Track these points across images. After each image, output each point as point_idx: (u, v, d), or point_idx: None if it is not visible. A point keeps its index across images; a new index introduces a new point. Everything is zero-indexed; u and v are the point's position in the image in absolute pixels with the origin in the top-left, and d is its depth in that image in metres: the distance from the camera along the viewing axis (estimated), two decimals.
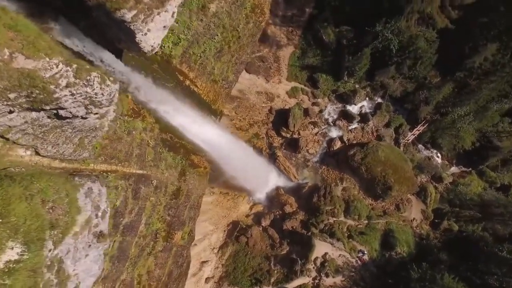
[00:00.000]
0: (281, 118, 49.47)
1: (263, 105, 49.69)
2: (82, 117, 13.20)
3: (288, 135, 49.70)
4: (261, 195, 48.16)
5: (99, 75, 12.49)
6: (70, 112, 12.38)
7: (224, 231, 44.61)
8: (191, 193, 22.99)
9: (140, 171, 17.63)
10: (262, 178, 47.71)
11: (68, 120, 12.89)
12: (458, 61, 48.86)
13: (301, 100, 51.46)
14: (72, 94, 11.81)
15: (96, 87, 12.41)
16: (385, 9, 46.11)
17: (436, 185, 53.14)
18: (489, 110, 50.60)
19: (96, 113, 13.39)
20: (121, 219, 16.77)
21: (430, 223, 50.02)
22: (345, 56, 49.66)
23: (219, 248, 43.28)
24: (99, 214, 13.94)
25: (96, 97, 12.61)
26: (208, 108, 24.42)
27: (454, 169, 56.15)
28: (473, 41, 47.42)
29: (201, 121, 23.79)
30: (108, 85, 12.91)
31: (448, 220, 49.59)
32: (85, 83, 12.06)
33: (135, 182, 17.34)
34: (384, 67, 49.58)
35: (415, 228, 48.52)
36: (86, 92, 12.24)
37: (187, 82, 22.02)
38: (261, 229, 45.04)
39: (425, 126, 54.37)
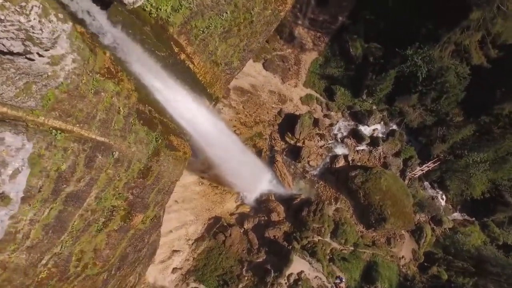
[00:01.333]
0: (288, 123, 46.82)
1: (273, 105, 47.10)
2: (27, 58, 11.05)
3: (292, 142, 46.99)
4: (250, 196, 45.58)
5: (40, 6, 10.26)
6: (3, 45, 10.23)
7: (204, 224, 42.23)
8: (162, 176, 20.63)
9: (101, 138, 15.33)
10: (255, 180, 45.15)
11: (8, 56, 10.77)
12: (486, 104, 45.28)
13: (314, 109, 48.67)
14: (1, 20, 9.61)
15: (34, 19, 10.18)
16: (421, 33, 42.97)
17: (434, 227, 49.52)
18: (507, 162, 46.75)
19: (42, 56, 11.24)
20: (65, 185, 14.50)
21: (419, 265, 46.46)
22: (368, 73, 46.74)
23: (195, 240, 40.92)
24: (6, 172, 11.68)
25: (33, 32, 10.38)
26: (202, 90, 22.11)
27: (456, 215, 52.37)
28: (507, 86, 43.72)
29: (192, 102, 21.50)
30: (51, 21, 10.68)
31: (439, 266, 45.92)
32: (18, 9, 9.82)
33: (91, 149, 15.03)
34: (406, 94, 46.39)
35: (401, 267, 45.09)
36: (19, 22, 10.02)
37: (183, 56, 19.65)
38: (242, 231, 42.47)
39: (436, 164, 50.84)
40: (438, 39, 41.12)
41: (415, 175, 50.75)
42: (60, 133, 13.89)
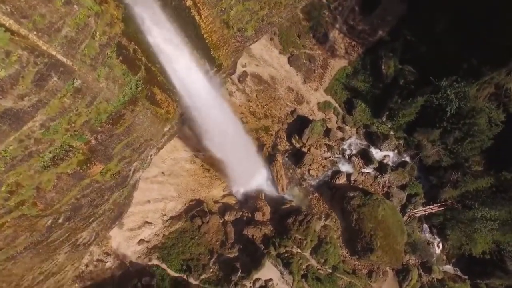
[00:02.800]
0: (298, 125, 43.66)
1: (288, 103, 43.96)
2: None
3: (297, 145, 43.76)
4: (240, 189, 42.49)
5: None
6: None
7: (185, 204, 39.46)
8: (134, 129, 17.95)
9: (63, 58, 12.73)
10: (249, 173, 42.08)
11: None
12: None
13: (329, 118, 45.29)
14: None
15: None
16: (462, 67, 39.07)
17: (422, 273, 45.22)
18: None
19: None
20: (0, 97, 11.74)
21: None
22: (394, 95, 43.12)
23: (171, 218, 38.20)
24: None
25: None
26: (205, 50, 19.34)
27: (449, 267, 47.80)
28: None
29: (190, 60, 18.74)
30: None
31: None
32: None
33: (46, 66, 12.44)
34: (428, 127, 42.42)
35: None
36: None
37: (189, 3, 16.82)
38: (221, 221, 39.54)
39: (440, 209, 46.62)
40: (479, 76, 37.28)
41: (416, 214, 46.59)
42: (5, 31, 11.24)
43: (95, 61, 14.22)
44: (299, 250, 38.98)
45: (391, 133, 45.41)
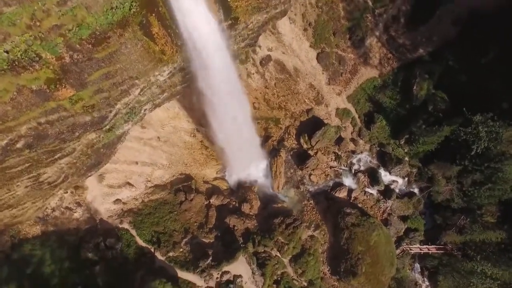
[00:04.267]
0: (311, 126, 40.28)
1: (306, 100, 40.57)
2: None
3: (305, 146, 40.34)
4: (234, 176, 39.38)
5: None
6: None
7: (173, 176, 36.57)
8: (118, 60, 15.16)
9: None
10: (248, 162, 38.91)
11: None
12: None
13: (344, 126, 41.70)
14: None
15: None
16: (501, 106, 34.87)
17: None
18: None
19: None
20: None
21: None
22: (419, 120, 39.27)
23: (155, 186, 35.34)
24: None
25: None
26: None
27: None
28: None
29: (202, 2, 15.61)
30: None
31: None
32: None
33: None
34: (447, 162, 38.32)
35: None
36: None
37: None
38: (205, 203, 36.53)
39: (438, 252, 42.36)
40: None
41: (410, 250, 42.43)
42: None
43: None
44: (278, 254, 35.51)
45: (406, 158, 41.44)
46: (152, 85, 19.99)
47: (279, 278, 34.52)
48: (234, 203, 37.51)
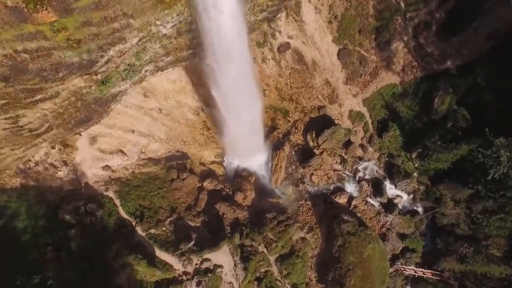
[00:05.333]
0: (321, 124, 37.81)
1: (320, 97, 38.10)
2: None
3: (311, 144, 37.88)
4: (233, 162, 37.15)
5: None
6: None
7: (169, 151, 34.52)
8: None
9: None
10: (249, 150, 36.62)
11: None
12: None
13: (355, 130, 39.07)
14: None
15: None
16: None
17: None
18: None
19: None
20: None
21: None
22: (435, 135, 36.33)
23: (148, 158, 33.31)
24: None
25: None
26: None
27: None
28: None
29: None
30: None
31: None
32: None
33: None
34: (459, 183, 35.26)
35: None
36: None
37: None
38: (198, 185, 34.31)
39: (433, 277, 39.33)
40: None
41: (405, 270, 39.51)
42: None
43: None
44: (265, 251, 33.13)
45: (415, 174, 38.57)
46: (153, 38, 17.85)
47: (262, 276, 32.11)
48: (227, 190, 35.23)
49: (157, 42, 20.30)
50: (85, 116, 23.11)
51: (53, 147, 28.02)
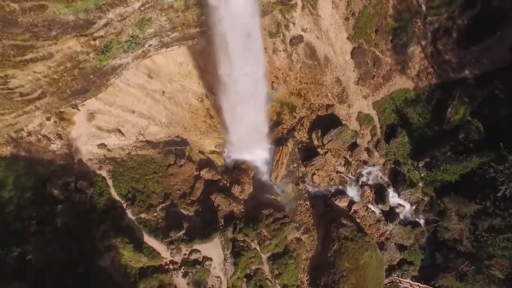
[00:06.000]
0: (327, 123, 36.31)
1: (329, 95, 36.56)
2: None
3: (315, 143, 36.41)
4: (233, 154, 35.71)
5: None
6: None
7: (169, 136, 33.22)
8: None
9: None
10: (251, 143, 35.18)
11: None
12: None
13: (362, 133, 37.48)
14: None
15: None
16: None
17: None
18: None
19: None
20: None
21: None
22: (446, 145, 34.55)
23: (146, 141, 32.03)
24: None
25: None
26: None
27: None
28: None
29: None
30: None
31: None
32: None
33: None
34: (466, 198, 33.46)
35: None
36: None
37: None
38: (195, 173, 32.94)
39: None
40: None
41: (400, 283, 37.73)
42: None
43: None
44: (258, 248, 31.67)
45: (420, 184, 36.87)
46: (157, 5, 16.51)
47: (252, 273, 30.59)
48: (225, 182, 33.80)
49: (163, 14, 18.98)
50: (82, 86, 21.82)
51: (48, 119, 26.77)
